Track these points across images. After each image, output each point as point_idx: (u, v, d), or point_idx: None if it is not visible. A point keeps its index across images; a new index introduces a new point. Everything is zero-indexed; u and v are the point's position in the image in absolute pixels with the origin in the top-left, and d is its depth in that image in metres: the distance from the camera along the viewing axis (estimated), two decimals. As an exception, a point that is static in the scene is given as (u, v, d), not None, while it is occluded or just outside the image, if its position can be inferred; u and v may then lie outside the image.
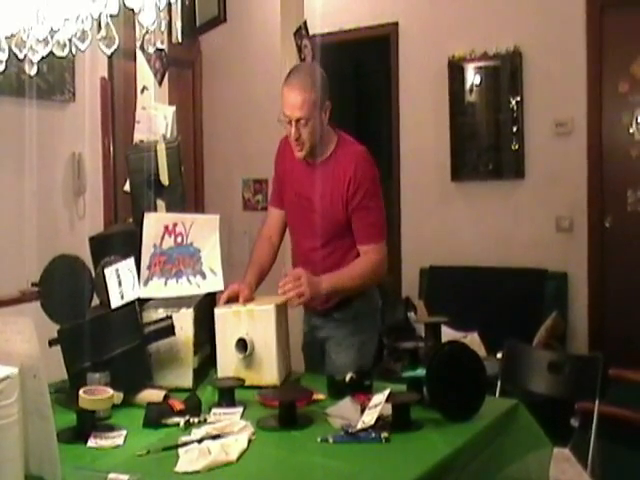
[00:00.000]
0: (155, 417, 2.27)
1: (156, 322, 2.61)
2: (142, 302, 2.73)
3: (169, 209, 3.11)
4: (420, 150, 5.82)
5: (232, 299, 2.82)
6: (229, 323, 2.68)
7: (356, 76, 7.48)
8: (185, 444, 2.04)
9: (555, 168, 5.29)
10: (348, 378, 2.51)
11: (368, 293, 3.10)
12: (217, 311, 2.72)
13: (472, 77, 5.59)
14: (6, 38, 2.56)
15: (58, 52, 2.52)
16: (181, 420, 2.24)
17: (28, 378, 1.77)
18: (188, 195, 3.51)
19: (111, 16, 2.34)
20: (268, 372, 2.64)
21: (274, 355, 2.64)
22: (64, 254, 2.71)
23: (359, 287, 2.97)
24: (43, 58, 2.57)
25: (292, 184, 3.06)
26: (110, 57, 3.62)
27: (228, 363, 2.66)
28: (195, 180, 6.66)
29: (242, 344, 2.62)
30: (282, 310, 2.78)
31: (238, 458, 1.98)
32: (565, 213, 5.26)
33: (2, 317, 1.86)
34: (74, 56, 3.97)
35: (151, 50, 2.65)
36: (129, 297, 2.65)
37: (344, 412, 2.29)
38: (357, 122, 6.96)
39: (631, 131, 5.09)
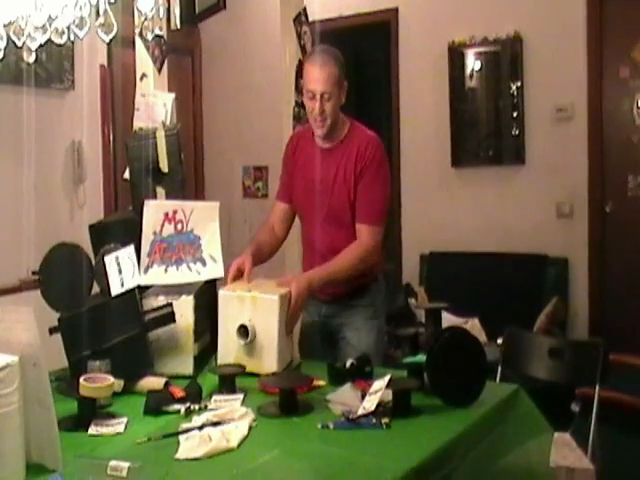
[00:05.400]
0: (156, 404, 2.27)
1: (156, 309, 2.61)
2: (142, 290, 2.72)
3: (169, 196, 3.11)
4: (420, 136, 5.82)
5: (237, 277, 2.87)
6: (232, 307, 2.67)
7: (356, 62, 7.43)
8: (186, 431, 2.04)
9: (556, 154, 5.28)
10: (348, 364, 2.51)
11: (380, 281, 3.14)
12: (221, 292, 2.72)
13: (472, 63, 5.57)
14: (4, 26, 2.54)
15: (57, 39, 2.51)
16: (182, 407, 2.24)
17: (28, 366, 1.77)
18: (188, 182, 3.52)
19: (109, 3, 2.33)
20: (268, 361, 2.63)
21: (275, 344, 2.63)
22: (64, 242, 2.70)
23: (349, 276, 2.95)
24: (41, 46, 2.56)
25: (305, 174, 3.08)
26: (109, 44, 3.63)
27: (229, 349, 2.66)
28: (195, 167, 6.65)
29: (244, 330, 2.62)
30: (286, 300, 2.77)
31: (239, 445, 1.98)
32: (565, 199, 5.25)
33: (2, 306, 1.86)
34: (73, 44, 3.99)
35: (150, 37, 2.64)
36: (129, 285, 2.64)
37: (344, 398, 2.29)
38: (357, 108, 6.91)
39: (632, 116, 5.08)
